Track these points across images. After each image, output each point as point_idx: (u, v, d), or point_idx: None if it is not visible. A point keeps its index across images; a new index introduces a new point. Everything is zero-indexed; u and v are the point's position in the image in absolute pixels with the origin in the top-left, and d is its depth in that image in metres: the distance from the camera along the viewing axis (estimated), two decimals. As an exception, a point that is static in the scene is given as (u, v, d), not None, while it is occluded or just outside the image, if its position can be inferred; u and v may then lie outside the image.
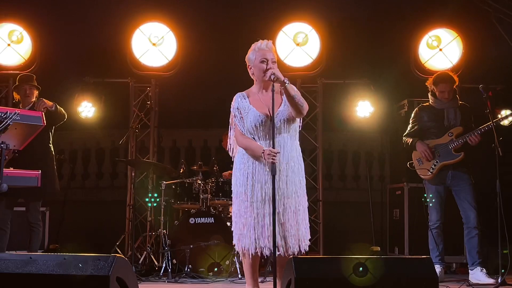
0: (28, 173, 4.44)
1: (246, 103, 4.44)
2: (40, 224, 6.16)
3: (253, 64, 4.46)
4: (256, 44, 4.51)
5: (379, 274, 3.43)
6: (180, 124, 10.47)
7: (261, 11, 8.58)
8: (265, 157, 4.25)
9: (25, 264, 3.38)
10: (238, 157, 4.52)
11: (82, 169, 10.25)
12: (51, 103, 5.99)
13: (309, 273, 3.44)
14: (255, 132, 4.39)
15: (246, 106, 4.43)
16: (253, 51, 4.49)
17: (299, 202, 4.44)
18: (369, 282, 3.42)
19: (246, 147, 4.42)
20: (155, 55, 8.32)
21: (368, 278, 3.43)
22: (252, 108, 4.41)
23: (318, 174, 8.64)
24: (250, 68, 4.53)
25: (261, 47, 4.47)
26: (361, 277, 3.44)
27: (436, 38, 8.33)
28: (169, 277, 6.39)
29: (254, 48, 4.50)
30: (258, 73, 4.45)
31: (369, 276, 3.43)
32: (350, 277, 3.41)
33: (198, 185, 7.04)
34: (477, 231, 6.16)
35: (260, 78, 4.46)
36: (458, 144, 6.19)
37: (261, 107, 4.41)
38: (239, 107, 4.45)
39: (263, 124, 4.37)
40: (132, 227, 7.34)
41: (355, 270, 3.44)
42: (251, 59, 4.49)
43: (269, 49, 4.48)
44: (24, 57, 8.25)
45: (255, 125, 4.37)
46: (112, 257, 3.34)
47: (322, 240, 8.34)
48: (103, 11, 8.32)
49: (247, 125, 4.41)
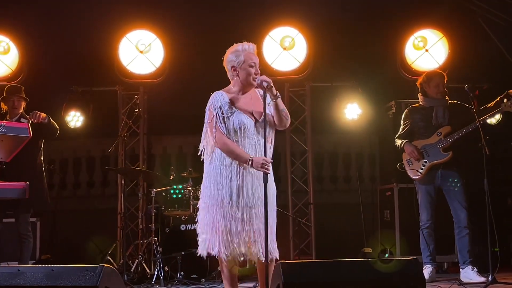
0: (15, 185, 4.44)
1: (228, 103, 4.35)
2: (30, 235, 6.15)
3: (240, 67, 4.37)
4: (242, 45, 4.42)
5: (367, 276, 3.45)
6: (170, 130, 10.45)
7: (247, 16, 8.58)
8: (254, 165, 4.18)
9: (13, 276, 3.39)
10: (217, 159, 4.37)
11: (73, 178, 10.22)
12: (45, 115, 5.97)
13: (297, 277, 3.45)
14: (236, 135, 4.30)
15: (229, 107, 4.33)
16: (238, 52, 4.40)
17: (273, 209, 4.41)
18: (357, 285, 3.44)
19: (230, 151, 4.29)
20: (143, 63, 8.32)
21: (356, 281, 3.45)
22: (236, 110, 4.33)
23: (308, 177, 8.65)
24: (234, 70, 4.41)
25: (249, 50, 4.41)
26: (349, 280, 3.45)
27: (422, 39, 8.39)
28: (161, 284, 6.38)
29: (239, 49, 4.41)
30: (244, 76, 4.37)
31: (357, 279, 3.45)
32: (338, 281, 3.43)
33: (188, 192, 7.04)
34: (468, 231, 6.19)
35: (245, 82, 4.39)
36: (446, 144, 6.22)
37: (245, 110, 4.36)
38: (222, 107, 4.34)
39: (247, 128, 4.30)
40: (123, 235, 7.33)
41: (343, 273, 3.46)
42: (236, 60, 4.39)
43: (254, 52, 4.44)
44: (11, 68, 8.24)
45: (239, 128, 4.29)
46: (100, 267, 3.35)
47: (314, 243, 8.34)
48: (89, 20, 8.31)
49: (232, 126, 4.30)
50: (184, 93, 9.41)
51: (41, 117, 5.89)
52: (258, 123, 4.36)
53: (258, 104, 4.40)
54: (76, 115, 8.21)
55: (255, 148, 4.33)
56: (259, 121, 4.34)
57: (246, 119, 4.32)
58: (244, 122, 4.30)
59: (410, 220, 6.86)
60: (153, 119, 8.99)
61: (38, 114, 5.89)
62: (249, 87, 4.44)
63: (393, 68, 8.45)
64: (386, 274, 3.52)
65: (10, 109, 6.20)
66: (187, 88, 9.29)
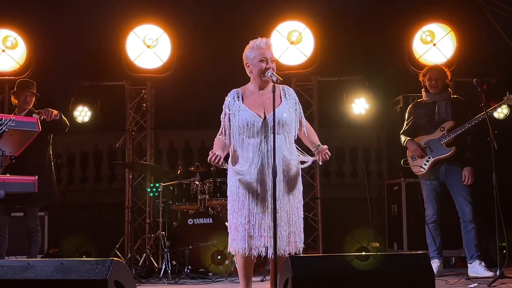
0: (24, 179, 4.44)
1: (239, 101, 4.37)
2: (38, 229, 6.18)
3: (252, 63, 4.38)
4: (255, 41, 4.43)
5: (376, 270, 3.45)
6: (177, 125, 10.47)
7: (254, 10, 8.58)
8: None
9: (23, 270, 3.41)
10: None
11: (80, 172, 10.25)
12: (56, 112, 5.97)
13: (306, 271, 3.45)
14: (244, 130, 4.30)
15: (238, 104, 4.36)
16: (251, 49, 4.41)
17: (294, 205, 4.41)
18: (365, 279, 3.44)
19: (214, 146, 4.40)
20: (150, 57, 8.34)
21: (364, 275, 3.45)
22: (244, 106, 4.34)
23: (315, 172, 8.64)
24: (248, 66, 4.44)
25: (260, 45, 4.40)
26: (358, 275, 3.45)
27: (430, 33, 8.36)
28: (169, 279, 6.40)
29: (252, 45, 4.42)
30: (256, 72, 4.37)
31: (366, 273, 3.45)
32: (346, 275, 3.43)
33: (196, 186, 7.06)
34: (474, 225, 6.17)
35: (258, 77, 4.39)
36: (449, 139, 6.20)
37: (255, 106, 4.35)
38: (230, 105, 4.39)
39: (253, 124, 4.29)
40: (131, 229, 7.36)
41: (352, 268, 3.46)
42: (249, 57, 4.41)
43: (267, 47, 4.43)
44: (19, 63, 8.26)
45: (246, 123, 4.28)
46: (109, 261, 3.36)
47: (321, 237, 8.35)
48: (97, 14, 8.33)
49: (237, 123, 4.31)
50: (191, 87, 9.44)
51: (53, 115, 5.89)
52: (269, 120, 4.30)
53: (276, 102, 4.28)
54: (83, 110, 8.22)
55: (259, 146, 4.30)
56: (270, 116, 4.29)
57: (251, 117, 4.30)
58: (248, 120, 4.29)
59: (418, 214, 6.85)
60: (161, 113, 9.00)
61: (51, 112, 5.87)
62: (264, 82, 4.41)
63: (401, 63, 8.43)
64: (396, 269, 3.52)
65: (21, 103, 6.20)
66: (194, 82, 9.31)
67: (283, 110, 4.35)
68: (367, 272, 3.47)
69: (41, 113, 5.87)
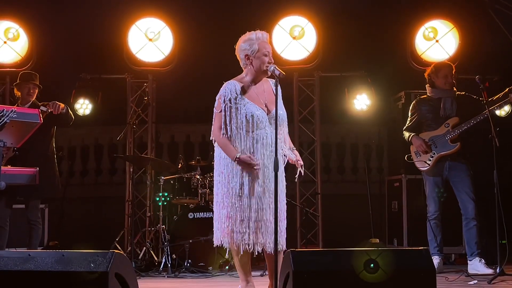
0: (25, 171, 4.45)
1: (240, 93, 4.32)
2: (39, 222, 6.17)
3: (254, 55, 4.33)
4: (256, 33, 4.38)
5: (377, 266, 3.44)
6: (178, 119, 10.47)
7: (257, 5, 8.57)
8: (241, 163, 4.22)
9: (24, 261, 3.39)
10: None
11: (81, 165, 10.24)
12: (63, 105, 5.95)
13: (307, 266, 3.45)
14: (248, 125, 4.29)
15: (241, 97, 4.31)
16: (252, 41, 4.36)
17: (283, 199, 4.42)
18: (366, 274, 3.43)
19: (223, 146, 4.34)
20: (152, 51, 8.32)
21: (365, 270, 3.44)
22: (248, 101, 4.32)
23: (316, 167, 8.65)
24: (248, 58, 4.37)
25: (262, 39, 4.38)
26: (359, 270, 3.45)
27: (432, 30, 8.35)
28: (169, 272, 6.41)
29: (252, 37, 4.37)
30: (258, 65, 4.34)
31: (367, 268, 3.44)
32: (348, 270, 3.42)
33: (196, 180, 7.05)
34: (476, 222, 6.18)
35: (259, 71, 4.36)
36: (454, 135, 6.20)
37: (257, 100, 4.35)
38: (232, 98, 4.30)
39: (259, 120, 4.29)
40: (131, 223, 7.35)
41: (353, 263, 3.45)
42: (250, 49, 4.35)
43: (267, 41, 4.42)
44: (20, 55, 8.24)
45: (252, 117, 4.27)
46: (110, 253, 3.35)
47: (321, 233, 8.35)
48: (99, 7, 8.30)
49: (241, 117, 4.29)
50: (193, 81, 9.42)
51: (60, 108, 5.87)
52: (270, 114, 4.34)
53: (271, 96, 4.38)
54: (84, 103, 8.21)
55: (266, 140, 4.31)
56: (272, 113, 4.31)
57: (257, 110, 4.31)
58: (255, 114, 4.29)
59: (418, 211, 6.85)
60: (162, 107, 9.00)
61: (58, 105, 5.83)
62: (262, 76, 4.42)
63: (403, 59, 8.41)
64: (397, 264, 3.51)
65: (25, 95, 6.17)
66: (196, 76, 9.29)
67: (281, 106, 4.35)
68: (369, 267, 3.47)
69: (48, 106, 5.84)
